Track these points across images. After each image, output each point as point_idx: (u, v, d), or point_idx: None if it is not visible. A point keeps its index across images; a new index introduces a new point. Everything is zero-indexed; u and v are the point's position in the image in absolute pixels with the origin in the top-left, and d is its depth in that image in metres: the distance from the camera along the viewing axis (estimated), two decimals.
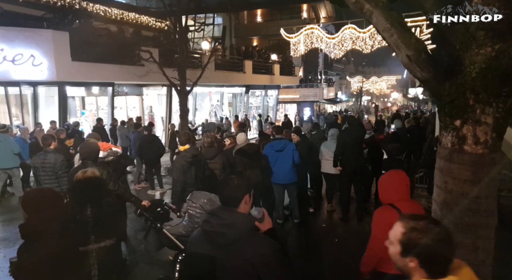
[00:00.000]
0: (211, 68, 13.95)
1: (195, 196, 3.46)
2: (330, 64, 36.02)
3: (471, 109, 1.94)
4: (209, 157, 5.17)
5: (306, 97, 27.02)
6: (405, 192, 2.77)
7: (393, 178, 2.84)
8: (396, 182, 2.79)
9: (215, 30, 22.61)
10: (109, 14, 16.82)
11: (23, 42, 9.62)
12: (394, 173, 2.89)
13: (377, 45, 17.00)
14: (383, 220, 2.71)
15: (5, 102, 10.72)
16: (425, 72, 2.03)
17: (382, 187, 2.86)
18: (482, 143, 1.96)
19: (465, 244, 2.05)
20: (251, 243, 1.72)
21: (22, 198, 2.42)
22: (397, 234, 1.39)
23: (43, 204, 2.25)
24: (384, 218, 2.71)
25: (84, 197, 2.88)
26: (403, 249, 1.36)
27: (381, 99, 58.61)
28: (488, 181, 2.01)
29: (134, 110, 14.86)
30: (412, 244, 1.33)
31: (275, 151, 5.86)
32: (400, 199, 2.74)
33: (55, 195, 2.45)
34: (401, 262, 1.39)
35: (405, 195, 2.76)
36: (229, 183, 1.83)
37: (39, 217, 2.20)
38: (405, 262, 1.37)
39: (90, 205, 2.84)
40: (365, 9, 2.08)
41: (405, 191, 2.77)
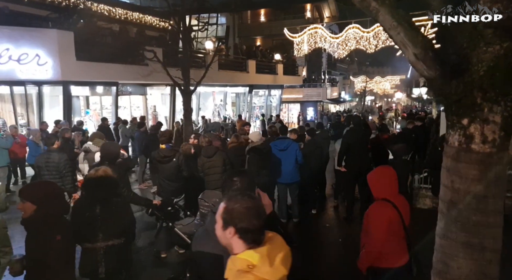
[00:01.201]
0: (214, 68, 13.96)
1: (207, 195, 3.47)
2: (334, 64, 35.89)
3: (478, 108, 1.92)
4: (208, 155, 5.21)
5: (310, 97, 26.98)
6: (396, 187, 2.86)
7: (385, 173, 2.91)
8: (387, 177, 2.86)
9: (218, 30, 22.64)
10: (113, 14, 16.87)
11: (28, 42, 9.68)
12: (386, 169, 2.97)
13: (381, 44, 16.94)
14: (381, 216, 2.78)
15: (11, 102, 10.81)
16: (432, 70, 2.02)
17: (376, 183, 2.90)
18: (490, 141, 1.94)
19: (472, 243, 2.04)
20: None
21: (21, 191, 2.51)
22: (220, 211, 1.49)
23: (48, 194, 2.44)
24: (382, 214, 2.78)
25: (94, 195, 2.90)
26: (224, 223, 1.46)
27: (384, 99, 58.37)
28: (495, 180, 1.99)
29: (137, 110, 14.91)
30: (229, 215, 1.44)
31: (278, 150, 5.88)
32: (392, 193, 2.83)
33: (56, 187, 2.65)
34: (223, 237, 1.48)
35: (395, 190, 2.86)
36: (233, 184, 1.86)
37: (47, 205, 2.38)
38: (226, 235, 1.46)
39: (100, 203, 2.85)
40: (372, 7, 2.06)
41: (395, 186, 2.86)
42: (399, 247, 2.82)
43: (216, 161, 5.18)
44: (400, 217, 2.78)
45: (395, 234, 2.79)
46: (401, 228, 2.80)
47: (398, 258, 2.81)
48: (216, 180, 5.12)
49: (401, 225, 2.79)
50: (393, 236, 2.77)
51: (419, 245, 2.90)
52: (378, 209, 2.81)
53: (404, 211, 2.83)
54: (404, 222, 2.80)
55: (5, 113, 11.37)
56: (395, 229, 2.78)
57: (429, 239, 2.36)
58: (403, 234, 2.82)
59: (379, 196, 2.85)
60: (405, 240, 2.83)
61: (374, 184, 2.89)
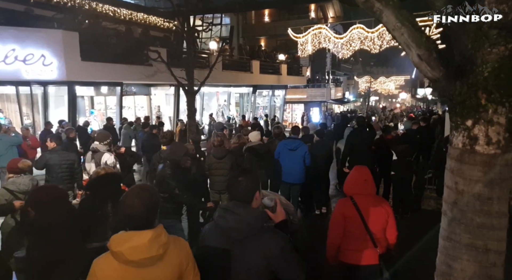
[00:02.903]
0: (218, 68, 13.99)
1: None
2: (338, 64, 35.83)
3: (483, 109, 1.91)
4: (219, 157, 5.18)
5: (314, 97, 26.92)
6: (363, 187, 2.87)
7: (353, 172, 2.99)
8: (357, 176, 2.92)
9: (222, 30, 22.66)
10: (118, 15, 16.97)
11: (34, 42, 9.75)
12: (356, 168, 3.02)
13: (385, 45, 16.90)
14: (337, 211, 2.92)
15: (16, 102, 10.89)
16: (436, 71, 2.01)
17: (347, 180, 3.02)
18: (494, 143, 1.93)
19: (476, 245, 2.02)
20: (264, 237, 1.79)
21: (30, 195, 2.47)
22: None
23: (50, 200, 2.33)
24: (338, 209, 2.92)
25: (103, 193, 2.91)
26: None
27: (389, 99, 58.12)
28: (500, 182, 1.97)
29: (142, 110, 14.97)
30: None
31: (288, 149, 5.89)
32: (357, 192, 2.86)
33: (60, 192, 2.56)
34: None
35: (363, 190, 2.86)
36: (240, 183, 1.87)
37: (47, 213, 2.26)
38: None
39: (111, 201, 2.85)
40: (375, 7, 2.06)
41: (363, 185, 2.87)
42: (364, 246, 2.80)
43: (225, 163, 5.17)
44: (360, 217, 2.77)
45: (354, 232, 2.80)
46: (360, 227, 2.78)
47: (364, 256, 2.80)
48: (221, 182, 5.13)
49: (361, 224, 2.77)
50: (352, 233, 2.81)
51: (421, 246, 2.89)
52: (338, 205, 2.96)
53: (370, 212, 2.79)
54: (365, 222, 2.77)
55: (10, 113, 11.47)
56: (353, 227, 2.80)
57: (432, 240, 2.35)
58: (363, 233, 2.78)
59: (346, 192, 2.96)
60: (370, 241, 2.79)
61: (346, 181, 3.02)
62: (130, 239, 1.63)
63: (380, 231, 2.83)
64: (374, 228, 2.79)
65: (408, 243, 3.94)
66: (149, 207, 1.69)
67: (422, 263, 3.10)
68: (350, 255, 2.83)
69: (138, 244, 1.61)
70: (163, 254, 1.65)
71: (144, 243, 1.61)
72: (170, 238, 1.75)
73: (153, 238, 1.63)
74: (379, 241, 2.82)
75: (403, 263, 3.45)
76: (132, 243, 1.62)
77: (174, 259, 1.72)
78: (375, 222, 2.80)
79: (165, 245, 1.67)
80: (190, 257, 1.81)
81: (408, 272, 3.65)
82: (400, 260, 3.24)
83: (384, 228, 2.85)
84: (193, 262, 1.82)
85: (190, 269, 1.80)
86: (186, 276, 1.79)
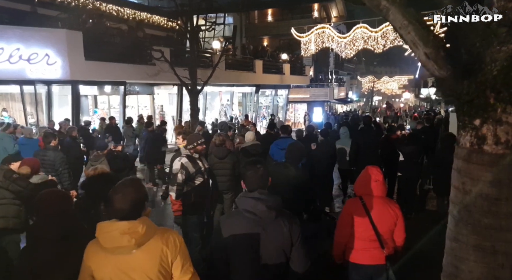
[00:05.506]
0: (221, 67, 13.97)
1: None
2: (341, 64, 35.68)
3: (491, 108, 1.89)
4: (220, 156, 5.14)
5: (317, 97, 26.83)
6: (374, 188, 2.82)
7: (364, 172, 2.94)
8: (367, 176, 2.87)
9: (225, 29, 22.65)
10: (121, 14, 17.00)
11: (38, 42, 9.79)
12: (368, 169, 2.96)
13: (389, 44, 16.80)
14: (347, 210, 2.89)
15: (21, 101, 10.95)
16: (443, 70, 1.98)
17: (358, 180, 2.99)
18: (503, 143, 1.90)
19: (483, 246, 2.00)
20: (286, 218, 2.08)
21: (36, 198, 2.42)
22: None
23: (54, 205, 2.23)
24: (348, 208, 2.89)
25: (96, 192, 2.91)
26: None
27: (392, 99, 57.90)
28: (508, 183, 1.94)
29: (145, 109, 15.00)
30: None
31: (279, 149, 5.83)
32: (367, 193, 2.83)
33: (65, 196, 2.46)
34: None
35: (373, 191, 2.82)
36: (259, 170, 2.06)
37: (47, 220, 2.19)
38: None
39: (104, 200, 2.85)
40: (382, 5, 2.04)
41: (373, 186, 2.83)
42: (371, 246, 2.79)
43: (227, 163, 5.13)
44: (369, 218, 2.75)
45: (362, 232, 2.78)
46: (368, 228, 2.76)
47: (370, 256, 2.78)
48: (224, 182, 5.08)
49: (369, 225, 2.76)
50: (360, 233, 2.79)
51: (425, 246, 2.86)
52: (347, 204, 2.97)
53: (379, 214, 2.77)
54: (373, 223, 2.75)
55: (15, 112, 11.53)
56: (361, 227, 2.78)
57: (436, 241, 2.32)
58: (371, 234, 2.77)
59: (356, 192, 2.95)
60: (377, 242, 2.77)
61: (356, 181, 3.01)
62: (107, 227, 1.74)
63: (388, 232, 2.81)
64: (382, 230, 2.76)
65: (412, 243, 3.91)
66: (133, 201, 1.78)
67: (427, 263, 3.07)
68: (356, 255, 2.81)
69: (110, 234, 1.72)
70: (135, 244, 1.72)
71: (115, 233, 1.71)
72: (156, 229, 1.82)
73: (125, 229, 1.70)
74: (386, 242, 2.79)
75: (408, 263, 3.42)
76: (105, 232, 1.74)
77: (155, 249, 1.77)
78: (383, 224, 2.77)
79: (142, 236, 1.73)
80: (179, 251, 1.83)
81: (413, 273, 3.62)
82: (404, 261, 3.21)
83: (392, 230, 2.82)
84: (184, 258, 1.84)
85: (178, 263, 1.82)
86: (174, 270, 1.83)
